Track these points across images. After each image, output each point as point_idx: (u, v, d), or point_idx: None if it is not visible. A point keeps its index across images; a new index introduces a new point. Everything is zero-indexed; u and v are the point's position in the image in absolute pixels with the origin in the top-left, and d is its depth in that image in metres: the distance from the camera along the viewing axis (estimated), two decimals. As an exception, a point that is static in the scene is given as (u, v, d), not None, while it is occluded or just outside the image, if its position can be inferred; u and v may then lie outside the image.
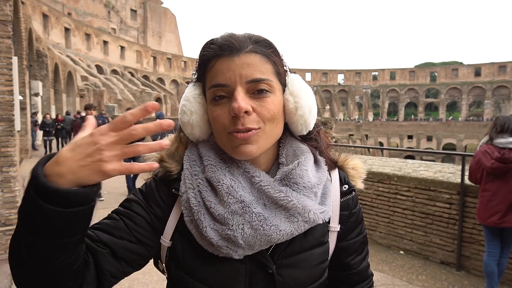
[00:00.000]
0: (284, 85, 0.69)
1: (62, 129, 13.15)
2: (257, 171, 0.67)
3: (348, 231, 0.77)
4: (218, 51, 0.64)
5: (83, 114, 6.46)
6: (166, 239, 0.71)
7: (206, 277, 0.66)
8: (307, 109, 0.69)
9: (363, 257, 0.79)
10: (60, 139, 13.35)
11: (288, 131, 0.73)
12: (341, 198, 0.76)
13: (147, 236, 0.69)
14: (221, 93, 0.64)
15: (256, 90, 0.63)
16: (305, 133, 0.72)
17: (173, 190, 0.70)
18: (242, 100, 0.61)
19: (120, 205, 0.72)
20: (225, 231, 0.63)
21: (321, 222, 0.68)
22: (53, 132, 13.04)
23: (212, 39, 0.67)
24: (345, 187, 0.77)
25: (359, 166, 0.82)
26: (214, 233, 0.63)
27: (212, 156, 0.68)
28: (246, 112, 0.61)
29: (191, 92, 0.70)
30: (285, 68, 0.70)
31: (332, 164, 0.78)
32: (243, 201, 0.63)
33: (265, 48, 0.66)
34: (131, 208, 0.70)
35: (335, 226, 0.74)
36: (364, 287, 0.79)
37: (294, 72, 0.72)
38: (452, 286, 3.37)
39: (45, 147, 13.01)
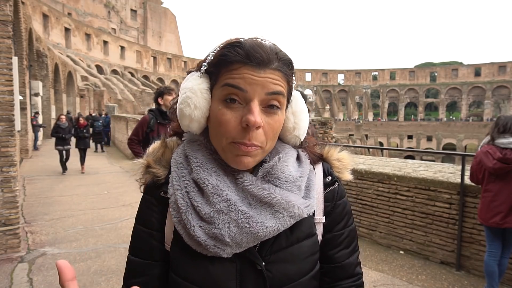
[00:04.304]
0: (288, 102, 0.71)
1: (85, 138, 10.09)
2: (242, 171, 0.68)
3: (333, 223, 0.76)
4: (244, 59, 0.63)
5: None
6: (168, 244, 0.73)
7: (197, 278, 0.67)
8: (302, 130, 0.73)
9: (350, 252, 0.77)
10: (83, 151, 10.00)
11: None
12: (324, 189, 0.76)
13: (161, 250, 0.74)
14: (236, 98, 0.63)
15: (269, 104, 0.64)
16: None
17: (161, 193, 0.72)
18: (258, 115, 0.62)
19: (131, 238, 0.77)
20: (212, 230, 0.64)
21: (306, 216, 0.69)
22: (71, 139, 9.86)
23: (239, 41, 0.65)
24: (328, 179, 0.77)
25: (344, 157, 0.82)
26: (201, 232, 0.65)
27: (199, 157, 0.69)
28: (257, 127, 0.62)
29: (198, 85, 0.68)
30: (293, 86, 0.72)
31: (317, 158, 0.79)
32: (229, 200, 0.64)
33: (288, 68, 0.67)
34: (137, 238, 0.76)
35: (320, 218, 0.75)
36: (349, 284, 0.76)
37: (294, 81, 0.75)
38: (452, 286, 3.37)
39: (61, 160, 9.45)
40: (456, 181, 3.70)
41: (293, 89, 0.72)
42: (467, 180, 3.47)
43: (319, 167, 0.78)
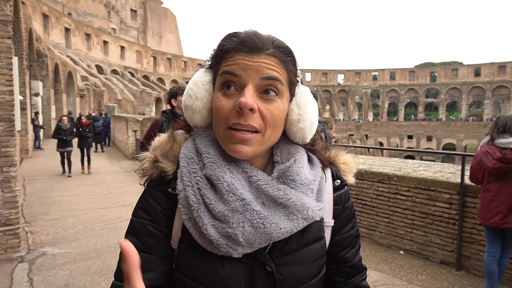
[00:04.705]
0: (292, 94, 0.70)
1: (88, 138, 9.75)
2: (255, 170, 0.67)
3: (341, 225, 0.78)
4: (238, 45, 0.65)
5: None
6: (174, 242, 0.70)
7: (206, 278, 0.65)
8: (308, 123, 0.70)
9: (356, 250, 0.81)
10: (85, 150, 9.75)
11: (283, 134, 0.73)
12: (334, 193, 0.77)
13: (168, 247, 0.70)
14: (232, 85, 0.64)
15: (265, 90, 0.64)
16: (300, 144, 0.74)
17: (169, 189, 0.69)
18: (250, 97, 0.61)
19: (130, 233, 0.71)
20: (225, 229, 0.62)
21: (319, 219, 0.69)
22: (72, 140, 9.37)
23: (236, 32, 0.67)
24: (337, 182, 0.78)
25: (350, 161, 0.83)
26: (214, 230, 0.63)
27: (212, 153, 0.67)
28: (251, 109, 0.61)
29: (200, 78, 0.70)
30: (297, 78, 0.71)
31: (326, 163, 0.79)
32: (244, 199, 0.63)
33: (284, 55, 0.66)
34: (142, 232, 0.70)
35: (329, 221, 0.75)
36: (359, 279, 0.80)
37: (303, 83, 0.73)
38: (452, 286, 3.37)
39: (62, 162, 9.23)
40: (456, 181, 3.70)
41: (299, 81, 0.71)
42: (467, 180, 3.47)
43: (328, 170, 0.79)
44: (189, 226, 0.65)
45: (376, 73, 75.47)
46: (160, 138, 0.76)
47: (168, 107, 3.61)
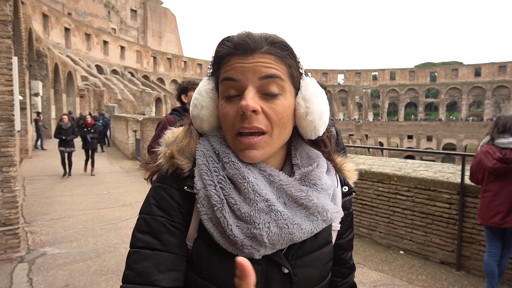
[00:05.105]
0: (297, 88, 0.69)
1: (93, 139, 9.35)
2: (274, 170, 0.67)
3: (345, 230, 0.81)
4: (232, 49, 0.64)
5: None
6: (189, 242, 0.68)
7: (222, 279, 0.64)
8: (317, 115, 0.68)
9: (351, 252, 0.85)
10: (90, 152, 9.49)
11: (298, 134, 0.73)
12: (342, 198, 0.78)
13: (186, 247, 0.68)
14: (233, 90, 0.64)
15: (267, 91, 0.63)
16: (313, 138, 0.72)
17: (185, 187, 0.66)
18: (251, 99, 0.61)
19: (144, 233, 0.66)
20: (251, 230, 0.61)
21: (334, 222, 0.72)
22: (74, 140, 9.05)
23: (229, 36, 0.67)
24: (345, 189, 0.79)
25: (352, 169, 0.86)
26: (238, 231, 0.61)
27: (231, 154, 0.66)
28: (254, 111, 0.61)
29: (204, 87, 0.71)
30: (300, 71, 0.70)
31: (337, 169, 0.80)
32: (268, 200, 0.63)
33: (280, 50, 0.65)
34: (160, 231, 0.65)
35: (336, 225, 0.77)
36: (353, 277, 0.86)
37: (308, 75, 0.72)
38: (452, 286, 3.37)
39: (63, 162, 8.92)
40: (456, 181, 3.70)
41: (302, 74, 0.70)
42: (467, 180, 3.47)
43: (337, 177, 0.80)
44: (210, 226, 0.63)
45: (376, 73, 75.47)
46: (174, 133, 0.73)
47: (176, 104, 3.44)
